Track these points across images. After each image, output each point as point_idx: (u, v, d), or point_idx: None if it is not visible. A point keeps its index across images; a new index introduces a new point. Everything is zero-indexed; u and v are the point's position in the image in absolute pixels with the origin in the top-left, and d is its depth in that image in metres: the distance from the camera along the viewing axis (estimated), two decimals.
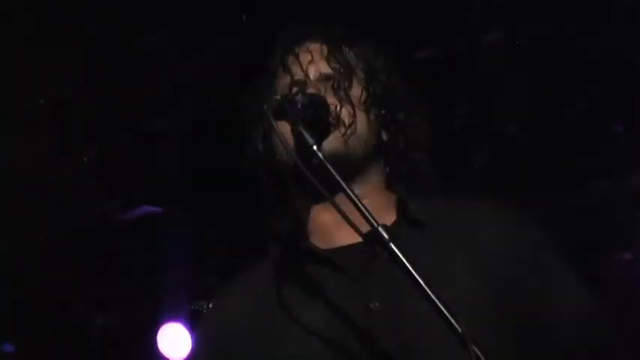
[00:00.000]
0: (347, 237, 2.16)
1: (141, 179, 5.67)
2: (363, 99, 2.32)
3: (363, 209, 1.93)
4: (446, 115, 5.21)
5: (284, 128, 2.07)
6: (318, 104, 2.17)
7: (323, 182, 1.96)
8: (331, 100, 2.27)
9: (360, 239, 1.95)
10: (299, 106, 2.10)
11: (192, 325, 6.30)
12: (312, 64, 2.34)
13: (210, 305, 2.59)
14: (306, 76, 2.33)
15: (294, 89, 2.27)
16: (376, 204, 2.22)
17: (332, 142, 2.23)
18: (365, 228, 1.93)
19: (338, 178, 1.97)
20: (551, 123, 5.28)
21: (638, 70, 4.91)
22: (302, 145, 2.03)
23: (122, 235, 6.00)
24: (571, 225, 5.49)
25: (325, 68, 2.34)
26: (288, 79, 2.33)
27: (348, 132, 2.26)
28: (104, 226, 5.89)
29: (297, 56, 2.35)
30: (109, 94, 4.92)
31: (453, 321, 1.84)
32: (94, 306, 6.14)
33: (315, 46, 2.37)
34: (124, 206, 5.96)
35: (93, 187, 5.52)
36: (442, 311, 1.85)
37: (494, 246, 2.21)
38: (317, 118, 2.14)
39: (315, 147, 2.02)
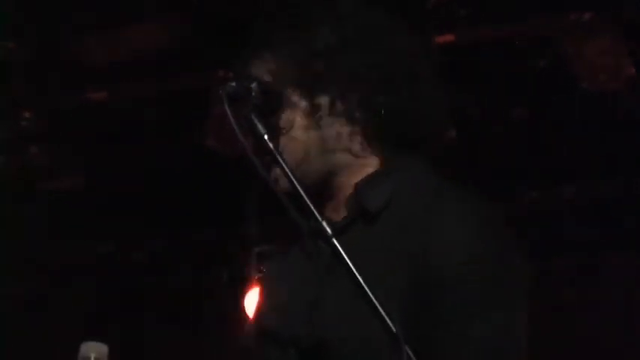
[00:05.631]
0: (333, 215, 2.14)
1: None
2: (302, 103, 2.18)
3: (309, 204, 1.95)
4: None
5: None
6: (271, 94, 2.12)
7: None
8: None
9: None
10: (252, 94, 2.07)
11: None
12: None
13: None
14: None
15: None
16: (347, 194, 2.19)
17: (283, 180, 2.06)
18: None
19: (287, 171, 1.99)
20: (483, 131, 5.34)
21: (574, 82, 4.97)
22: (254, 134, 2.02)
23: None
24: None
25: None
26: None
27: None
28: None
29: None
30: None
31: (387, 320, 1.86)
32: None
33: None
34: None
35: None
36: (378, 310, 1.86)
37: (426, 254, 2.06)
38: (269, 108, 2.10)
39: (266, 136, 2.01)
